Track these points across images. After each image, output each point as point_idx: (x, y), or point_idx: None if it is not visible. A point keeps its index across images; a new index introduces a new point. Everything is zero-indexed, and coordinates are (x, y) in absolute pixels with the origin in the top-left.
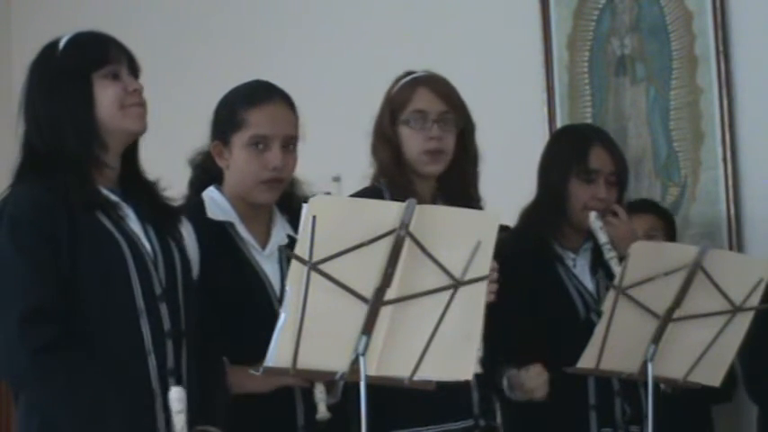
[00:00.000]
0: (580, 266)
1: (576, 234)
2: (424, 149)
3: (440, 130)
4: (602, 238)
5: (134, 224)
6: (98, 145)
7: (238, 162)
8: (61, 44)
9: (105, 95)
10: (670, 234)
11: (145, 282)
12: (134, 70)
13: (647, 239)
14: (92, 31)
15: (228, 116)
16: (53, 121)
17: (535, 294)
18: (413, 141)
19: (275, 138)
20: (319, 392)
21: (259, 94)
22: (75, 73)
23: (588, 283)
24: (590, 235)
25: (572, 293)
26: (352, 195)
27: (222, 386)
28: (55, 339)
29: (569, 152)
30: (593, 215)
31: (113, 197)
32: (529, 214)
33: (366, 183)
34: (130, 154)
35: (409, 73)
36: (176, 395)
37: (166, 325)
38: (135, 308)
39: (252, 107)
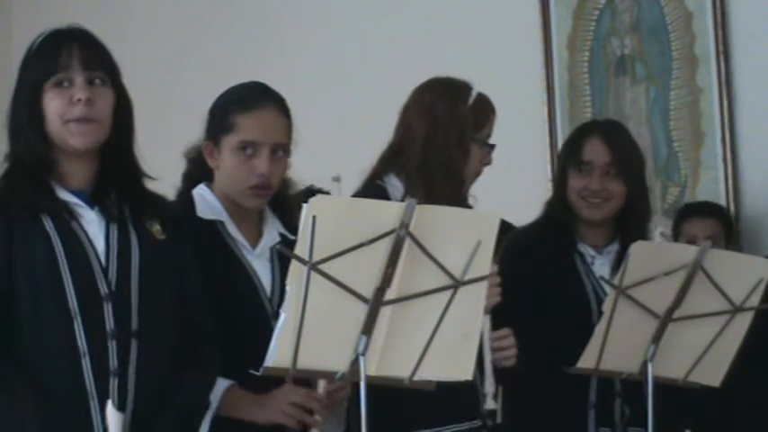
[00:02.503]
0: (599, 265)
1: (597, 231)
2: (478, 171)
3: (491, 157)
4: None
5: (90, 224)
6: (52, 156)
7: (227, 165)
8: (34, 45)
9: (50, 109)
10: (729, 236)
11: (84, 283)
12: (92, 65)
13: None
14: (56, 30)
15: (220, 118)
16: (13, 127)
17: (550, 287)
18: (477, 159)
19: (264, 144)
20: None
21: (252, 98)
22: (30, 84)
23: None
24: (615, 237)
25: (587, 289)
26: (355, 194)
27: (205, 397)
28: None
29: (567, 145)
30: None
31: (67, 197)
32: (545, 208)
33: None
34: (114, 149)
35: (461, 82)
36: (111, 416)
37: (109, 325)
38: (67, 309)
39: (243, 112)
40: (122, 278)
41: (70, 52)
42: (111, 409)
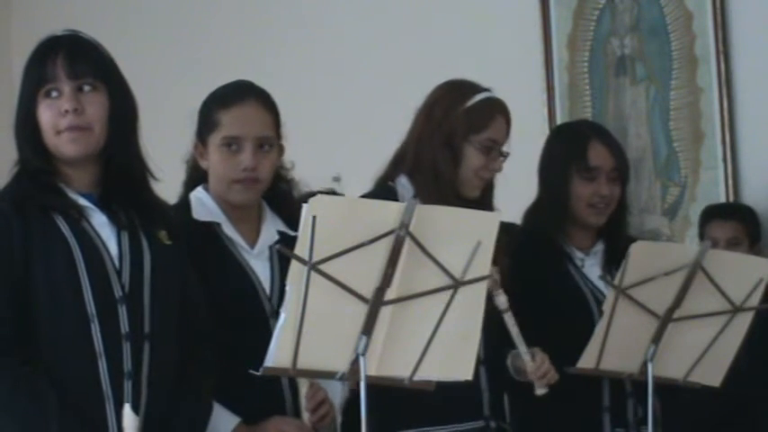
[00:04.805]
0: (588, 266)
1: (585, 233)
2: (480, 176)
3: (500, 163)
4: None
5: (102, 226)
6: (52, 164)
7: (214, 163)
8: (31, 53)
9: (43, 120)
10: (755, 237)
11: (100, 284)
12: (79, 73)
13: (730, 247)
14: (46, 38)
15: (205, 117)
16: (17, 135)
17: (549, 295)
18: (474, 163)
19: (247, 139)
20: None
21: (232, 95)
22: (25, 93)
23: (598, 283)
24: (601, 236)
25: (586, 294)
26: (365, 195)
27: (204, 397)
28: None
29: (568, 151)
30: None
31: (76, 199)
32: (532, 215)
33: (365, 180)
34: (114, 152)
35: (470, 84)
36: (128, 419)
37: (124, 328)
38: (85, 311)
39: (224, 108)
40: (135, 281)
41: (55, 62)
42: (128, 411)
